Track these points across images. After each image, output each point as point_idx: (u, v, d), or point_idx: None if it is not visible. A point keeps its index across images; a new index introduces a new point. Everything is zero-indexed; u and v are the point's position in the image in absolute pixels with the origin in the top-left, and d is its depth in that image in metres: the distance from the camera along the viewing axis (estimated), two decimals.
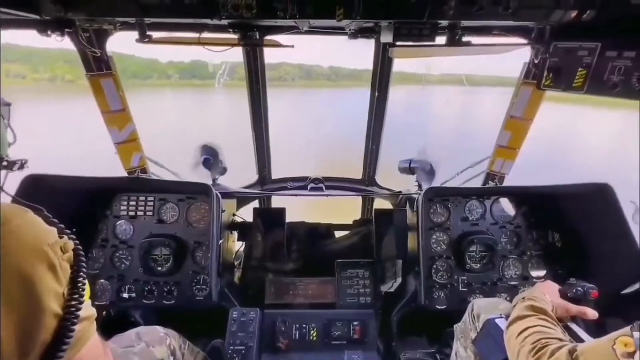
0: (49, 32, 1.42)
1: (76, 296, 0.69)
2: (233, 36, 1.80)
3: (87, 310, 0.74)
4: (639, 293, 1.58)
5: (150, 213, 2.09)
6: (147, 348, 1.27)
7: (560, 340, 0.99)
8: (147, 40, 1.52)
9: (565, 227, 1.98)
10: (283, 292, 2.16)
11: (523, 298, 1.24)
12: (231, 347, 1.75)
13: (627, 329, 0.80)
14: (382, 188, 2.82)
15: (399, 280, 2.34)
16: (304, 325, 1.95)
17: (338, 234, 2.68)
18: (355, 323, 1.95)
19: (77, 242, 0.74)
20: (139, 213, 2.08)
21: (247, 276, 2.39)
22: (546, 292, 1.23)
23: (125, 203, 2.09)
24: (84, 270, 0.73)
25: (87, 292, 0.75)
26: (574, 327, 1.17)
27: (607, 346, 0.80)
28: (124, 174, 2.23)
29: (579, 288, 1.22)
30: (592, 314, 1.15)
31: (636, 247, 1.60)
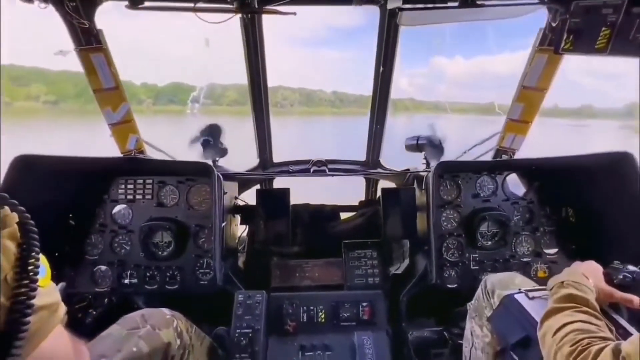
0: None
1: (25, 282, 0.57)
2: (230, 6, 1.69)
3: (45, 297, 0.62)
4: None
5: (149, 196, 2.01)
6: (153, 331, 1.21)
7: (604, 339, 0.85)
8: (139, 6, 1.41)
9: (580, 202, 1.91)
10: (289, 275, 2.10)
11: (562, 283, 1.08)
12: (238, 331, 1.70)
13: None
14: (387, 170, 2.74)
15: (407, 261, 2.29)
16: (312, 308, 1.90)
17: (343, 215, 2.62)
18: (364, 304, 1.90)
19: (27, 215, 0.61)
20: (137, 196, 2.01)
21: (251, 260, 2.33)
22: (588, 275, 1.08)
23: (123, 186, 2.01)
24: (37, 249, 0.61)
25: (47, 276, 0.63)
26: (616, 316, 1.05)
27: None
28: None
29: (627, 274, 1.07)
30: (638, 302, 1.02)
31: None
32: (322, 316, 1.89)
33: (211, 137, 2.24)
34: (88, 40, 1.70)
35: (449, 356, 1.94)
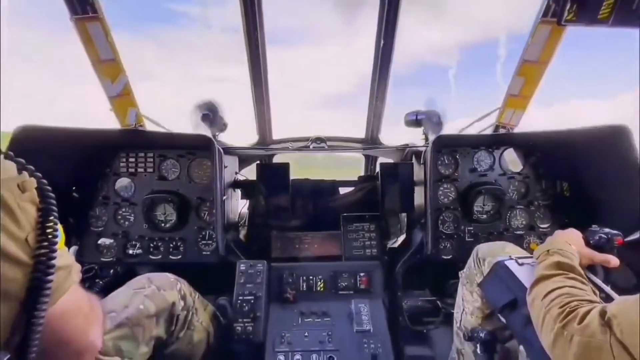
0: None
1: (46, 243, 0.62)
2: None
3: (63, 259, 0.67)
4: None
5: (150, 170, 2.04)
6: (158, 291, 1.27)
7: (591, 302, 0.89)
8: None
9: (575, 176, 1.94)
10: (289, 246, 2.16)
11: (547, 251, 1.13)
12: (240, 298, 1.78)
13: None
14: (385, 146, 2.75)
15: (404, 235, 2.35)
16: (311, 277, 1.98)
17: (343, 190, 2.65)
18: (361, 274, 1.98)
19: (44, 181, 0.64)
20: (139, 170, 2.03)
21: (252, 233, 2.38)
22: (570, 242, 1.14)
23: (125, 160, 2.03)
24: (55, 213, 0.64)
25: (61, 239, 0.68)
26: (593, 277, 1.11)
27: None
28: None
29: (602, 235, 1.14)
30: (614, 261, 1.08)
31: None
32: (321, 285, 1.97)
33: (210, 112, 2.23)
34: (84, 9, 1.66)
35: (440, 323, 2.04)
